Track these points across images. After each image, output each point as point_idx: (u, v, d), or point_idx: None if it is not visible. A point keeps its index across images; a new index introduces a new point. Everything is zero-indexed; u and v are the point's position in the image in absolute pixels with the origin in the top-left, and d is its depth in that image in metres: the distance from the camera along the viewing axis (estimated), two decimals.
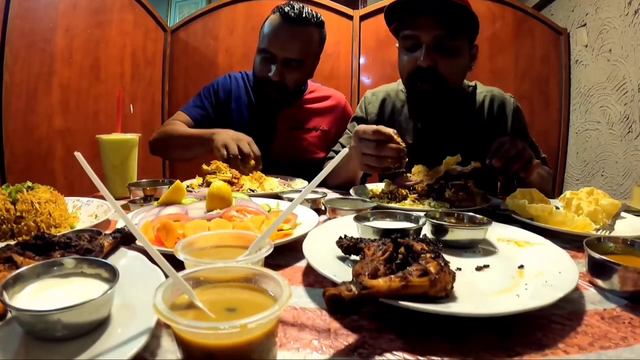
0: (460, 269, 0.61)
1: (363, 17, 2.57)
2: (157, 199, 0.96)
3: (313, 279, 0.61)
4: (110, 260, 0.56)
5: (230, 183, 1.19)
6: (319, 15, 1.55)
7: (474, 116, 1.39)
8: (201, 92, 1.70)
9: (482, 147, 1.11)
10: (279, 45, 1.49)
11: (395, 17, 1.25)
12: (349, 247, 0.61)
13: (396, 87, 1.50)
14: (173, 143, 1.54)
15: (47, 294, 0.44)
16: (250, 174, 1.28)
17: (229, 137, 1.34)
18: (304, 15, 1.49)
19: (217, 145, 1.33)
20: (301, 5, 1.52)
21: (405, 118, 1.42)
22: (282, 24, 1.48)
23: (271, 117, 1.64)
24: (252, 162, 1.29)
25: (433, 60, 1.18)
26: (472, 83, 1.46)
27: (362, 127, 1.06)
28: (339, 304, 0.42)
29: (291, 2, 1.52)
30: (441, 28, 1.15)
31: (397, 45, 1.32)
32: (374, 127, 1.02)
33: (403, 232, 0.67)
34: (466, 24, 1.16)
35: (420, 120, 1.38)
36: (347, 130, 1.55)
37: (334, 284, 0.50)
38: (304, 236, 0.69)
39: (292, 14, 1.47)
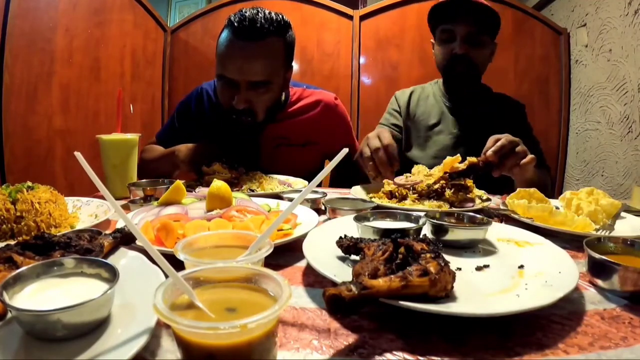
0: (460, 269, 0.61)
1: (363, 17, 2.57)
2: (157, 199, 0.96)
3: (313, 279, 0.61)
4: (110, 260, 0.56)
5: (230, 183, 1.19)
6: (280, 16, 1.30)
7: (489, 108, 1.60)
8: (175, 112, 1.60)
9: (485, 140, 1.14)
10: (236, 68, 1.26)
11: (436, 15, 1.53)
12: (349, 247, 0.61)
13: (421, 86, 1.74)
14: (151, 168, 1.45)
15: (47, 294, 0.44)
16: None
17: (191, 162, 1.34)
18: (258, 25, 1.23)
19: (185, 171, 1.37)
20: (255, 11, 1.27)
21: (432, 102, 1.66)
22: (235, 43, 1.25)
23: (253, 135, 1.49)
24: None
25: (466, 50, 1.46)
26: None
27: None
28: (339, 304, 0.42)
29: (242, 10, 1.27)
30: (472, 25, 1.45)
31: (432, 41, 1.60)
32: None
33: (403, 232, 0.67)
34: (490, 23, 1.48)
35: (447, 100, 1.64)
36: (384, 118, 1.74)
37: (334, 284, 0.50)
38: (304, 236, 0.69)
39: (244, 28, 1.23)
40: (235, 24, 1.24)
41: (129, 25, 2.33)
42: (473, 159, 1.09)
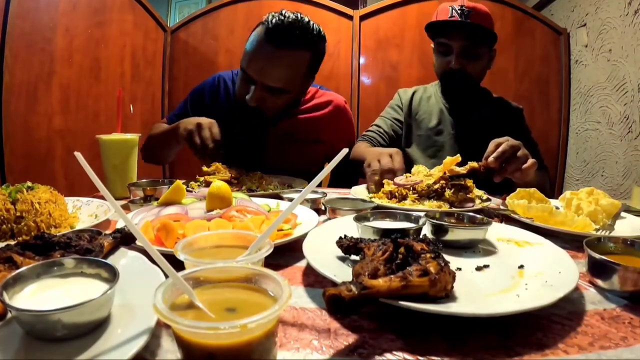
0: (460, 269, 0.61)
1: (363, 17, 2.57)
2: (157, 199, 0.96)
3: (313, 279, 0.61)
4: (110, 260, 0.56)
5: (230, 183, 1.19)
6: (316, 28, 1.29)
7: (488, 111, 1.62)
8: (188, 97, 1.61)
9: (485, 144, 1.13)
10: (258, 68, 1.27)
11: (432, 28, 1.53)
12: (349, 247, 0.61)
13: (423, 86, 1.76)
14: (153, 144, 1.50)
15: (47, 294, 0.44)
16: (213, 161, 1.25)
17: (191, 125, 1.25)
18: (291, 35, 1.23)
19: (182, 135, 1.26)
20: (296, 16, 1.25)
21: (433, 103, 1.67)
22: (265, 44, 1.24)
23: (261, 128, 1.50)
24: (211, 145, 1.21)
25: (461, 64, 1.48)
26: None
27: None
28: (339, 304, 0.42)
29: (284, 12, 1.26)
30: (468, 39, 1.45)
31: (432, 46, 1.59)
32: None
33: (403, 232, 0.67)
34: (487, 36, 1.47)
35: (447, 102, 1.66)
36: (386, 112, 1.74)
37: (334, 284, 0.50)
38: (304, 236, 0.69)
39: (276, 33, 1.22)
40: (270, 25, 1.24)
41: (129, 25, 2.32)
42: (474, 164, 1.09)
